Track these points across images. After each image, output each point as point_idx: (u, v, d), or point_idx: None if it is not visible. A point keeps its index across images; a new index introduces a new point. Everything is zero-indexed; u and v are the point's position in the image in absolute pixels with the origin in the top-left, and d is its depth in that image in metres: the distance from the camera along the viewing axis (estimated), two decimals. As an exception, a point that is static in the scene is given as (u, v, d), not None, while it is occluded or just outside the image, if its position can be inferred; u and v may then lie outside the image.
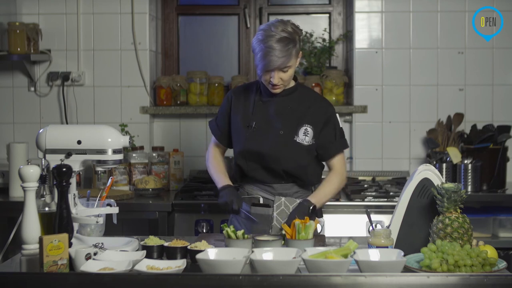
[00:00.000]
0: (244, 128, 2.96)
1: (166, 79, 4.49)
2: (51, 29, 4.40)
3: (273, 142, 2.92)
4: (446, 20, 4.36)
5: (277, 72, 2.83)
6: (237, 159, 2.99)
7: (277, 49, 2.77)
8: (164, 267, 2.19)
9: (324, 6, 4.73)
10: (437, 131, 4.23)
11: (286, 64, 2.81)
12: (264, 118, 2.96)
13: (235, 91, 3.08)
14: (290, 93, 2.97)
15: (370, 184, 4.17)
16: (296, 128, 2.93)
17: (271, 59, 2.78)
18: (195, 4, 4.80)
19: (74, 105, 4.41)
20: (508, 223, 3.84)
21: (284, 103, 2.96)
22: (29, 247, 2.26)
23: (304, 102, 2.97)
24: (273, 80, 2.84)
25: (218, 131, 3.09)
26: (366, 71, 4.39)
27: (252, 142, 2.93)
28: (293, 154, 2.92)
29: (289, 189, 2.97)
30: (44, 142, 2.47)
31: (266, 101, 2.98)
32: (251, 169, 2.96)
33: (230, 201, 2.84)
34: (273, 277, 2.05)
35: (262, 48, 2.79)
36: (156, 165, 4.19)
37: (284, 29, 2.80)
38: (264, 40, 2.79)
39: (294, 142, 2.92)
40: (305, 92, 3.03)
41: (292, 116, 2.94)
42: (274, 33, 2.78)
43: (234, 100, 3.04)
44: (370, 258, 2.22)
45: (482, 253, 2.19)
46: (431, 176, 2.47)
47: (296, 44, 2.82)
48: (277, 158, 2.91)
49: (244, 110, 2.99)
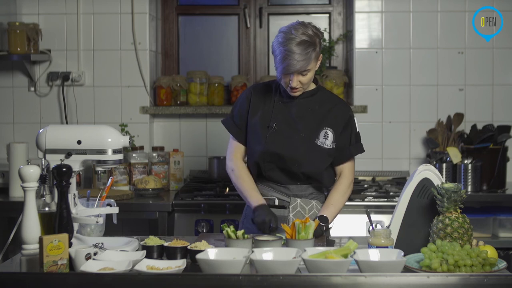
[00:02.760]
0: (264, 128, 2.92)
1: (166, 79, 4.49)
2: (51, 29, 4.40)
3: (294, 144, 2.89)
4: (446, 20, 4.36)
5: (296, 76, 2.79)
6: (256, 159, 2.93)
7: (296, 53, 2.73)
8: (164, 267, 2.19)
9: (324, 6, 4.73)
10: (437, 131, 4.23)
11: (306, 68, 2.77)
12: (284, 119, 2.92)
13: (255, 89, 3.01)
14: (311, 95, 2.94)
15: (370, 184, 4.17)
16: (317, 131, 2.91)
17: (290, 63, 2.74)
18: (195, 4, 4.80)
19: (74, 105, 4.41)
20: (508, 223, 3.84)
21: (305, 105, 2.93)
22: (29, 247, 2.26)
23: (324, 104, 2.94)
24: (292, 84, 2.81)
25: (236, 128, 3.00)
26: (366, 71, 4.39)
27: (272, 143, 2.89)
28: (313, 157, 2.89)
29: (305, 191, 2.95)
30: (44, 142, 2.47)
31: (286, 102, 2.94)
32: (268, 169, 2.93)
33: (269, 220, 2.77)
34: (273, 277, 2.05)
35: (282, 51, 2.75)
36: (156, 165, 4.19)
37: (305, 32, 2.76)
38: (284, 43, 2.75)
39: (315, 145, 2.90)
40: (326, 95, 2.99)
41: (313, 118, 2.92)
42: (295, 36, 2.74)
43: (253, 97, 2.98)
44: (370, 258, 2.22)
45: (482, 253, 2.19)
46: (431, 176, 2.47)
47: (316, 48, 2.78)
48: (298, 161, 2.89)
49: (263, 109, 2.95)
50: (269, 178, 2.95)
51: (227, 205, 3.80)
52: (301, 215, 2.88)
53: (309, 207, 2.91)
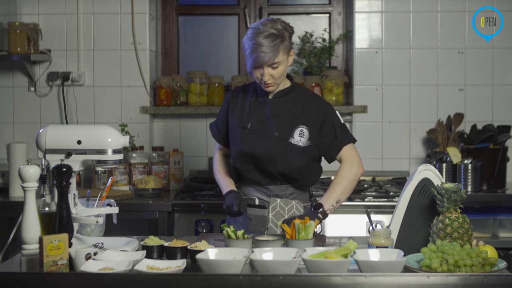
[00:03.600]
0: (240, 129, 2.96)
1: (166, 79, 4.49)
2: (51, 29, 4.40)
3: (267, 144, 2.91)
4: (446, 20, 4.36)
5: (266, 68, 2.82)
6: (233, 161, 2.99)
7: (264, 45, 2.78)
8: (164, 267, 2.19)
9: (324, 6, 4.73)
10: (437, 131, 4.23)
11: (274, 60, 2.80)
12: (259, 119, 2.95)
13: (233, 92, 3.08)
14: (286, 93, 2.96)
15: (370, 184, 4.17)
16: (291, 130, 2.92)
17: (258, 55, 2.78)
18: (195, 4, 4.80)
19: (74, 105, 4.41)
20: (508, 223, 3.84)
21: (280, 104, 2.95)
22: (29, 247, 2.26)
23: (299, 102, 2.96)
24: (263, 78, 2.84)
25: (218, 133, 3.09)
26: (366, 71, 4.39)
27: (247, 144, 2.93)
28: (288, 156, 2.90)
29: (285, 191, 2.96)
30: (44, 142, 2.47)
31: (261, 102, 2.97)
32: (246, 170, 2.96)
33: (231, 203, 2.85)
34: (273, 277, 2.05)
35: (250, 45, 2.80)
36: (156, 165, 4.19)
37: (273, 26, 2.81)
38: (252, 37, 2.81)
39: (289, 144, 2.91)
40: (301, 92, 3.01)
41: (287, 117, 2.93)
42: (263, 30, 2.80)
43: (231, 101, 3.04)
44: (370, 258, 2.22)
45: (482, 253, 2.19)
46: (431, 176, 2.47)
47: (284, 40, 2.82)
48: (272, 160, 2.91)
49: (240, 111, 2.99)
50: (248, 179, 2.98)
51: (227, 205, 3.79)
52: (280, 216, 2.89)
53: (289, 207, 2.92)
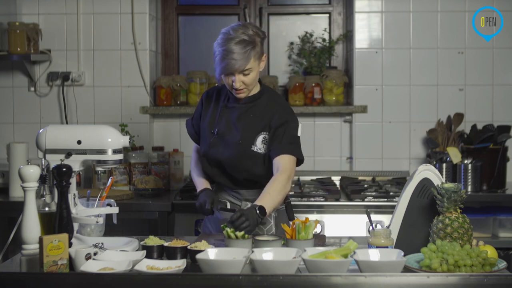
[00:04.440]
0: (209, 133, 2.93)
1: (166, 79, 4.49)
2: (51, 29, 4.40)
3: (231, 150, 2.88)
4: (446, 20, 4.36)
5: (237, 75, 2.77)
6: (203, 164, 2.97)
7: (235, 52, 2.72)
8: (164, 267, 2.19)
9: (324, 6, 4.73)
10: (437, 131, 4.23)
11: (245, 67, 2.75)
12: (227, 124, 2.91)
13: (208, 93, 3.03)
14: (255, 99, 2.91)
15: (370, 184, 4.17)
16: (254, 137, 2.87)
17: (229, 62, 2.73)
18: (195, 4, 4.80)
19: (74, 105, 4.41)
20: (508, 223, 3.84)
21: (247, 110, 2.90)
22: (29, 247, 2.26)
23: (266, 109, 2.90)
24: (235, 85, 2.79)
25: (193, 131, 3.06)
26: (366, 71, 4.39)
27: (214, 149, 2.91)
28: (250, 163, 2.87)
29: (256, 195, 2.87)
30: (44, 142, 2.47)
31: (231, 107, 2.93)
32: (215, 175, 2.95)
33: (204, 202, 2.82)
34: (273, 277, 2.05)
35: (221, 51, 2.75)
36: (156, 165, 4.19)
37: (244, 32, 2.76)
38: (222, 43, 2.75)
39: (251, 152, 2.87)
40: (270, 99, 2.93)
41: (252, 124, 2.89)
42: (234, 36, 2.74)
43: (205, 102, 3.01)
44: (370, 258, 2.22)
45: (482, 253, 2.19)
46: (431, 176, 2.47)
47: (255, 47, 2.77)
48: (236, 167, 2.88)
49: (211, 114, 2.96)
50: (218, 183, 2.97)
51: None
52: None
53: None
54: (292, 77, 4.54)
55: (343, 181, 4.23)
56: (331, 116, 4.45)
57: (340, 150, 4.47)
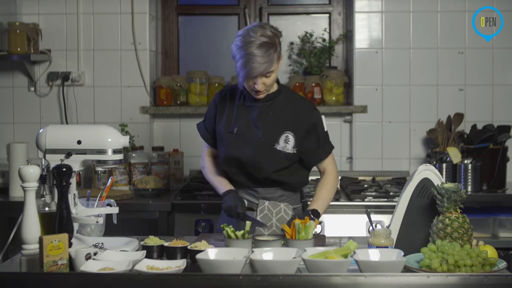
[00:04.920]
0: (226, 133, 2.93)
1: (166, 79, 4.49)
2: (51, 29, 4.40)
3: (253, 149, 2.88)
4: (446, 20, 4.36)
5: (260, 78, 2.78)
6: (221, 164, 2.97)
7: (258, 55, 2.72)
8: (164, 267, 2.19)
9: (324, 6, 4.73)
10: (437, 131, 4.23)
11: (269, 70, 2.77)
12: (246, 123, 2.92)
13: (221, 94, 3.04)
14: (273, 98, 2.93)
15: (370, 184, 4.17)
16: (277, 135, 2.89)
17: (253, 66, 2.73)
18: (195, 4, 4.80)
19: (74, 105, 4.41)
20: (508, 223, 3.84)
21: (266, 108, 2.92)
22: (29, 247, 2.26)
23: (286, 107, 2.93)
24: (257, 87, 2.80)
25: (207, 134, 3.06)
26: (366, 71, 4.39)
27: (233, 149, 2.91)
28: (272, 162, 2.88)
29: (274, 193, 2.93)
30: (44, 142, 2.47)
31: (249, 106, 2.94)
32: (234, 173, 2.95)
33: (234, 205, 2.81)
34: (273, 277, 2.05)
35: (243, 55, 2.74)
36: (156, 165, 4.19)
37: (264, 34, 2.75)
38: (243, 47, 2.74)
39: (274, 150, 2.88)
40: (288, 96, 2.97)
41: (273, 122, 2.90)
42: (254, 39, 2.73)
43: (219, 103, 3.01)
44: (370, 258, 2.22)
45: (482, 253, 2.19)
46: (431, 176, 2.47)
47: (277, 48, 2.78)
48: (257, 166, 2.89)
49: (227, 114, 2.97)
50: (236, 182, 2.97)
51: (227, 205, 3.79)
52: (268, 218, 2.88)
53: (277, 210, 2.90)
54: (292, 77, 4.54)
55: (343, 181, 4.23)
56: (331, 116, 4.44)
57: (340, 150, 4.47)
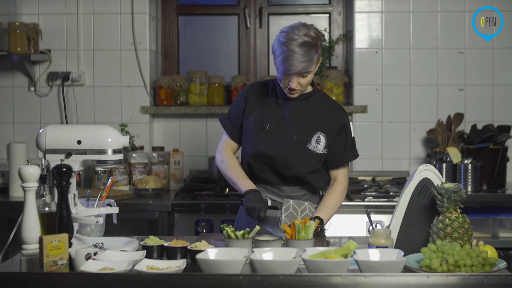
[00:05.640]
0: (257, 129, 2.91)
1: (166, 79, 4.49)
2: (51, 29, 4.40)
3: (285, 147, 2.88)
4: (446, 20, 4.36)
5: (296, 77, 2.77)
6: (248, 159, 2.93)
7: (299, 53, 2.70)
8: (164, 267, 2.19)
9: (324, 6, 4.73)
10: (437, 131, 4.23)
11: (307, 69, 2.75)
12: (278, 121, 2.90)
13: (252, 88, 3.00)
14: (307, 98, 2.92)
15: (370, 184, 4.17)
16: (309, 135, 2.89)
17: (292, 63, 2.71)
18: (195, 4, 4.80)
19: (74, 105, 4.41)
20: (508, 223, 3.84)
21: (300, 107, 2.91)
22: (29, 247, 2.26)
23: (319, 109, 2.92)
24: (291, 85, 2.78)
25: (232, 128, 3.00)
26: (366, 71, 4.39)
27: (264, 145, 2.89)
28: (304, 161, 2.88)
29: (297, 192, 2.94)
30: (44, 142, 2.47)
31: (281, 103, 2.92)
32: (260, 170, 2.93)
33: (259, 207, 2.77)
34: (273, 277, 2.05)
35: (284, 51, 2.72)
36: (156, 165, 4.19)
37: (307, 33, 2.73)
38: (286, 43, 2.72)
39: (306, 149, 2.88)
40: (322, 99, 2.97)
41: (306, 122, 2.90)
42: (297, 37, 2.72)
43: (250, 97, 2.96)
44: (370, 258, 2.22)
45: (482, 253, 2.19)
46: (431, 176, 2.47)
47: (318, 50, 2.76)
48: (288, 164, 2.88)
49: (259, 110, 2.93)
50: (261, 179, 2.95)
51: (227, 205, 3.80)
52: (293, 217, 2.87)
53: (302, 209, 2.90)
54: (292, 77, 4.53)
55: (343, 181, 4.22)
56: (331, 116, 4.44)
57: (340, 150, 4.47)
